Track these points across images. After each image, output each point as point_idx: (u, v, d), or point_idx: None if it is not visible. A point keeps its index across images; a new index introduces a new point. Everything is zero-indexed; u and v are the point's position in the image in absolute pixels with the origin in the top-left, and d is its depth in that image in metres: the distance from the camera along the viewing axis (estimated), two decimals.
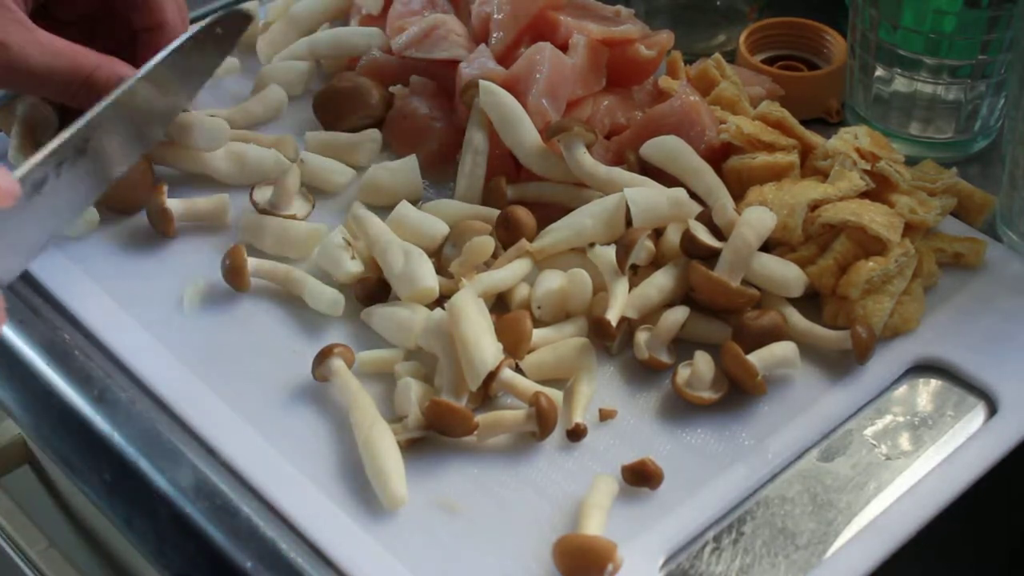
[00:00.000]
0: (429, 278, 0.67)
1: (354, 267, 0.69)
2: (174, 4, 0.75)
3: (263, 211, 0.74)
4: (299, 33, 0.87)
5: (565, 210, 0.71)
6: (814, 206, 0.68)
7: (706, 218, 0.68)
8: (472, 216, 0.72)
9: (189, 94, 0.73)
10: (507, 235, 0.70)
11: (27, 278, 0.72)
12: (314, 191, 0.76)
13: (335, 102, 0.80)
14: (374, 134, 0.79)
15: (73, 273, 0.71)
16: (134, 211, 0.76)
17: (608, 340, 0.65)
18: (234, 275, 0.70)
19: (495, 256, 0.69)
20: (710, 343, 0.66)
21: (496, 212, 0.71)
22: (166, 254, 0.74)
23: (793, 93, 0.80)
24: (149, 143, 0.71)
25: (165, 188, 0.74)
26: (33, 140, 0.78)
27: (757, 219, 0.67)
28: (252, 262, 0.70)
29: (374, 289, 0.69)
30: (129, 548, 0.66)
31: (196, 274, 0.72)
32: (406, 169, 0.76)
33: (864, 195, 0.69)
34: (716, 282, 0.65)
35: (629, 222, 0.68)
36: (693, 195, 0.71)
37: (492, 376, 0.62)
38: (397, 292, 0.68)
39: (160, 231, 0.74)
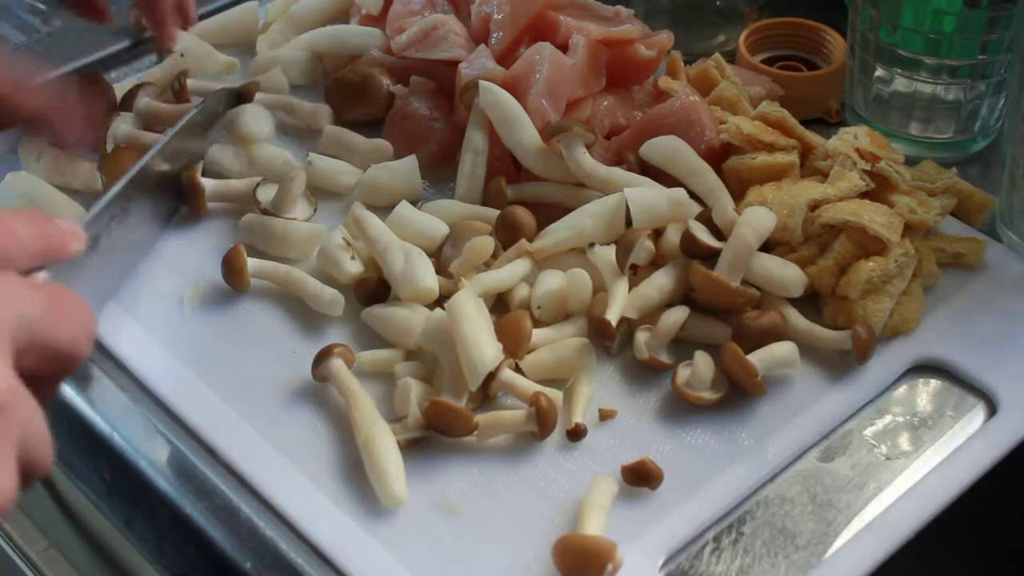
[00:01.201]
0: (429, 278, 0.67)
1: (354, 267, 0.69)
2: None
3: (265, 211, 0.74)
4: (298, 33, 0.87)
5: (565, 210, 0.71)
6: (814, 206, 0.68)
7: (706, 218, 0.68)
8: (472, 216, 0.72)
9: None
10: (507, 235, 0.70)
11: None
12: (319, 192, 0.76)
13: (347, 91, 0.81)
14: (384, 146, 0.79)
15: None
16: None
17: (608, 340, 0.65)
18: (234, 275, 0.70)
19: (495, 256, 0.69)
20: (710, 343, 0.66)
21: (496, 212, 0.71)
22: (166, 254, 0.74)
23: (793, 93, 0.80)
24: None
25: (199, 166, 0.75)
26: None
27: (757, 219, 0.67)
28: (252, 262, 0.70)
29: (374, 289, 0.69)
30: (129, 548, 0.66)
31: (196, 274, 0.72)
32: (406, 169, 0.76)
33: (864, 195, 0.69)
34: (716, 282, 0.65)
35: (629, 222, 0.68)
36: (693, 195, 0.71)
37: (492, 376, 0.61)
38: (397, 292, 0.68)
39: (192, 208, 0.75)
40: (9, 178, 0.76)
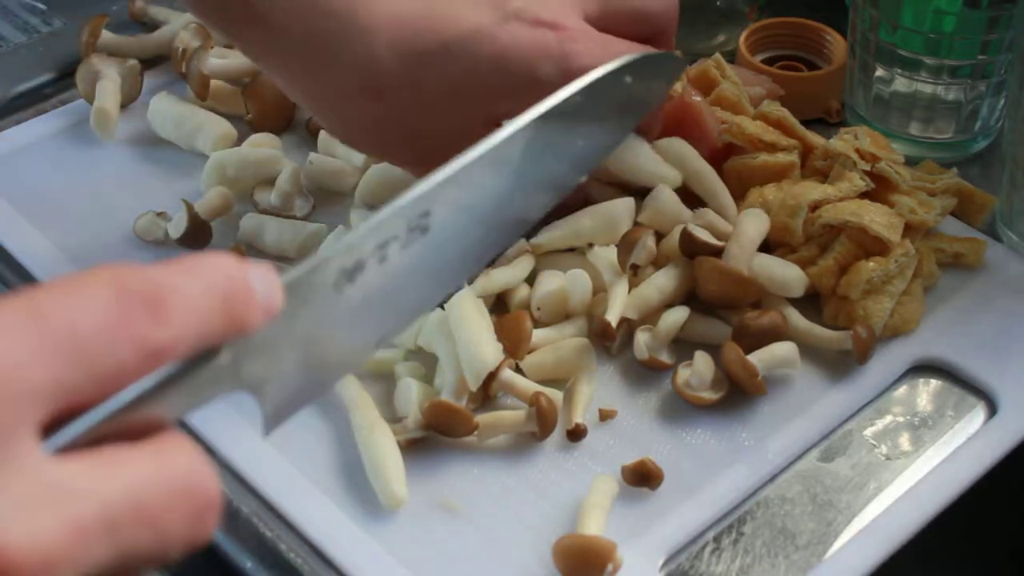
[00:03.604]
0: None
1: None
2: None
3: (263, 211, 0.74)
4: None
5: (567, 210, 0.71)
6: (814, 206, 0.68)
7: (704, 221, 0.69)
8: None
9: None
10: None
11: (25, 278, 0.72)
12: (319, 191, 0.76)
13: None
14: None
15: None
16: (279, 130, 0.80)
17: (608, 340, 0.65)
18: None
19: None
20: (710, 343, 0.66)
21: None
22: (166, 254, 0.73)
23: (793, 93, 0.80)
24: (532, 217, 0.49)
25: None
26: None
27: (755, 219, 0.67)
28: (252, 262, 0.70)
29: None
30: None
31: None
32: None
33: (864, 195, 0.69)
34: (727, 272, 0.65)
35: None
36: (695, 197, 0.71)
37: (492, 376, 0.61)
38: None
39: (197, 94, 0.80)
40: (155, 100, 0.80)
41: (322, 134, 0.79)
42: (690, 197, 0.71)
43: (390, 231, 0.41)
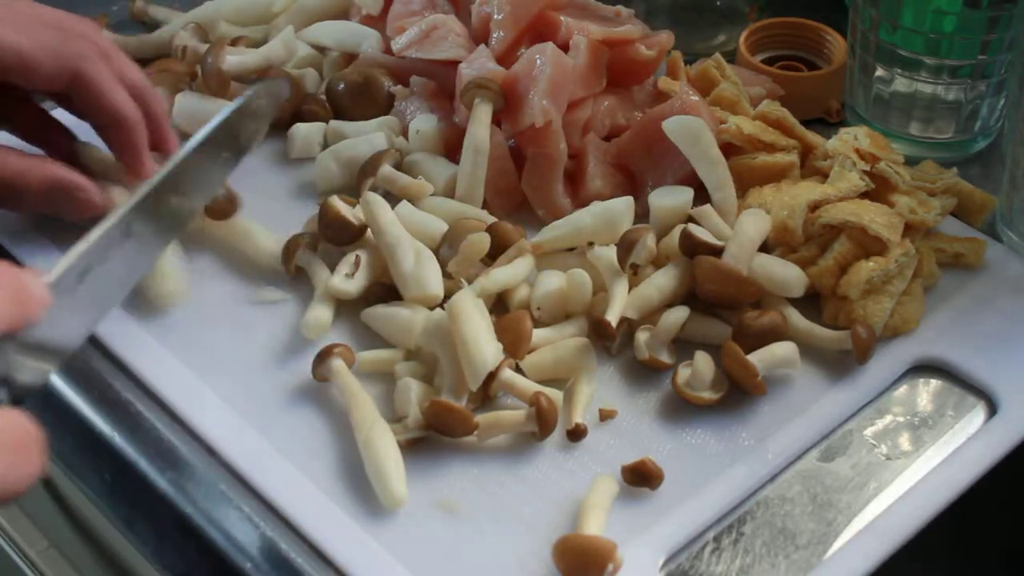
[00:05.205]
0: (436, 284, 0.66)
1: (353, 287, 0.68)
2: (128, 101, 0.70)
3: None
4: (305, 26, 0.87)
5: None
6: (814, 207, 0.68)
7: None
8: (462, 215, 0.71)
9: (228, 168, 0.68)
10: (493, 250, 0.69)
11: None
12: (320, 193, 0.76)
13: (348, 91, 0.81)
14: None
15: None
16: (286, 124, 0.80)
17: (608, 340, 0.65)
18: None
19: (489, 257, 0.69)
20: (710, 343, 0.66)
21: (483, 213, 0.72)
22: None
23: (793, 93, 0.80)
24: (188, 221, 0.66)
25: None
26: None
27: (756, 218, 0.67)
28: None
29: (376, 291, 0.68)
30: (129, 548, 0.66)
31: (196, 274, 0.71)
32: None
33: (864, 195, 0.69)
34: (726, 272, 0.65)
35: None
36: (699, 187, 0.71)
37: (492, 376, 0.61)
38: (402, 291, 0.67)
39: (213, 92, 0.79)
40: (181, 97, 0.79)
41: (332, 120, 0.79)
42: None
43: (110, 241, 0.57)
